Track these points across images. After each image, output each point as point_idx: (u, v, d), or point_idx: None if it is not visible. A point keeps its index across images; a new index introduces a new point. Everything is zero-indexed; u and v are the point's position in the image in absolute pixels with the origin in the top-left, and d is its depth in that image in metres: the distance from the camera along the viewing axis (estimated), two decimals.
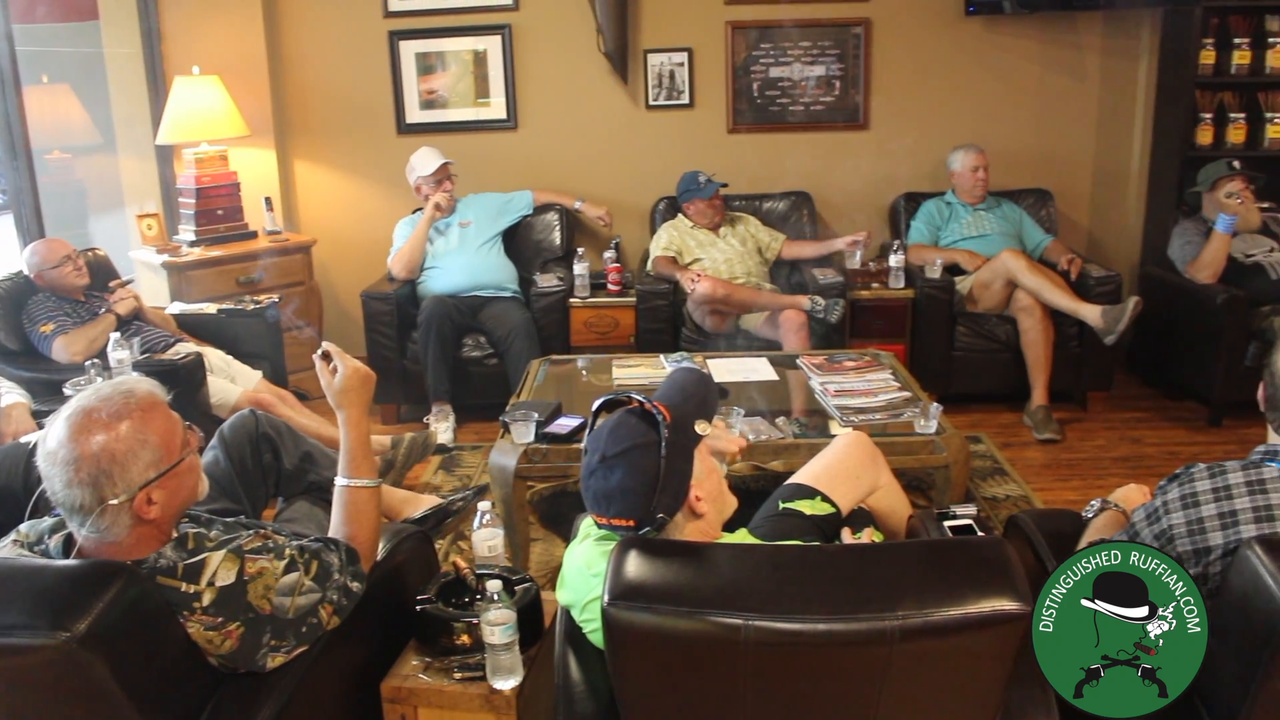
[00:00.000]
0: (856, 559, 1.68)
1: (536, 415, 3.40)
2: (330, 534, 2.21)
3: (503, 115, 5.52)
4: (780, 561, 1.65)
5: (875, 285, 4.99)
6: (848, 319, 4.77)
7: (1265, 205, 5.05)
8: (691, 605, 1.57)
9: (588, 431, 1.98)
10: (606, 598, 1.58)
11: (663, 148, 5.48)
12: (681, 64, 5.45)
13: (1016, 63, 5.44)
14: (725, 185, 5.02)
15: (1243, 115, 5.20)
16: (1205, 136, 5.20)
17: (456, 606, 2.36)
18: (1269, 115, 5.15)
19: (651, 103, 5.49)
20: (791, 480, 2.43)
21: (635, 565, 1.63)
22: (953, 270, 4.97)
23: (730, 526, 2.05)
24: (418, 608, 2.31)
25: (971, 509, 2.34)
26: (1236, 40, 5.10)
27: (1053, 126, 5.51)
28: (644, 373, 3.94)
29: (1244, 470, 1.87)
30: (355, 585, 2.10)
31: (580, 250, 5.10)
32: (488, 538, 2.62)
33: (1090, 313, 4.50)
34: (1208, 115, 5.18)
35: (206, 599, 1.85)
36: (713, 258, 4.92)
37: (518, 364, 4.59)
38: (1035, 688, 1.94)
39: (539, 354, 4.56)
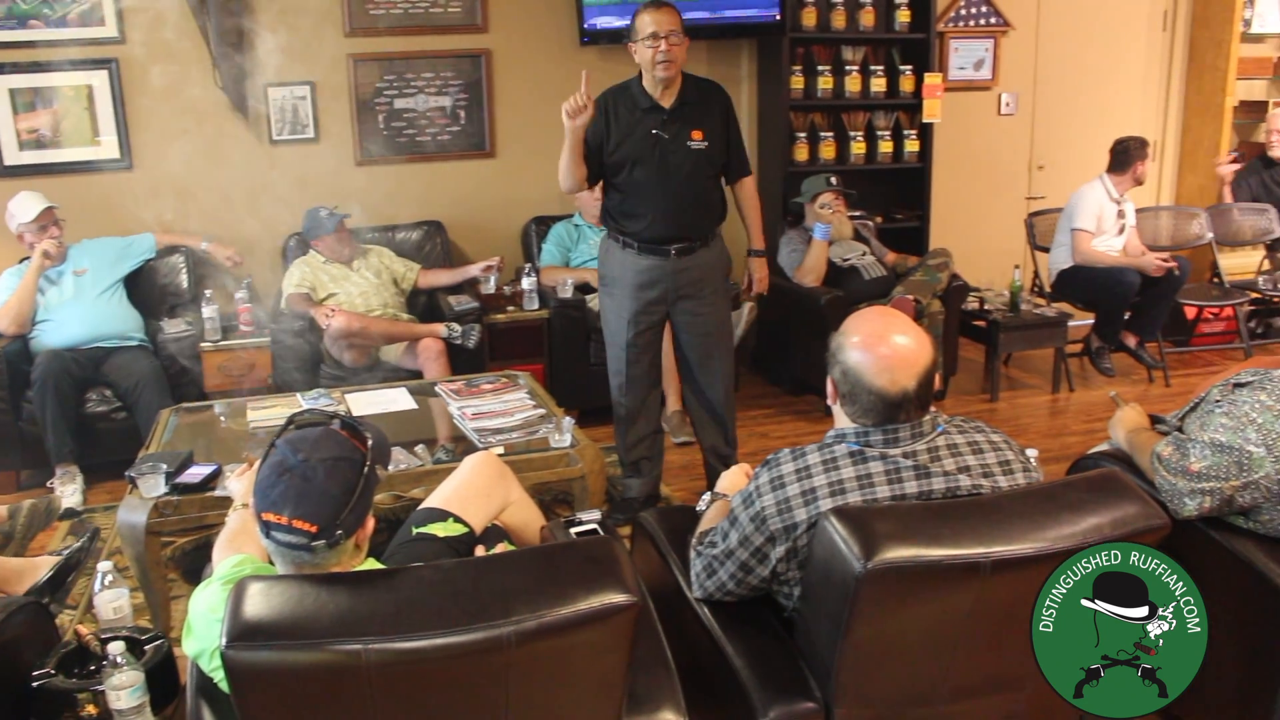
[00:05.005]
0: (472, 572, 1.76)
1: (165, 466, 3.27)
2: None
3: (116, 155, 5.22)
4: (397, 583, 1.70)
5: (511, 308, 5.12)
6: (486, 343, 4.88)
7: (856, 214, 5.61)
8: (311, 637, 1.59)
9: (276, 438, 1.97)
10: (224, 641, 1.57)
11: (290, 183, 5.36)
12: (304, 98, 5.38)
13: None
14: (348, 216, 4.99)
15: (831, 134, 5.76)
16: (802, 154, 5.70)
17: (81, 676, 2.24)
18: (852, 134, 5.72)
19: (275, 138, 5.37)
20: (423, 505, 2.48)
21: (253, 603, 1.63)
22: (584, 289, 5.18)
23: None
24: (34, 684, 2.18)
25: (596, 514, 2.48)
26: (820, 68, 5.65)
27: None
28: (280, 413, 3.86)
29: (820, 451, 2.10)
30: None
31: (209, 292, 4.92)
32: (112, 599, 2.50)
33: None
34: (802, 134, 5.70)
35: None
36: (347, 291, 4.88)
37: (148, 415, 4.36)
38: (661, 673, 2.08)
39: (170, 403, 4.35)
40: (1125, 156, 5.58)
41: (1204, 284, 6.25)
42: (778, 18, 5.48)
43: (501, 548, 2.36)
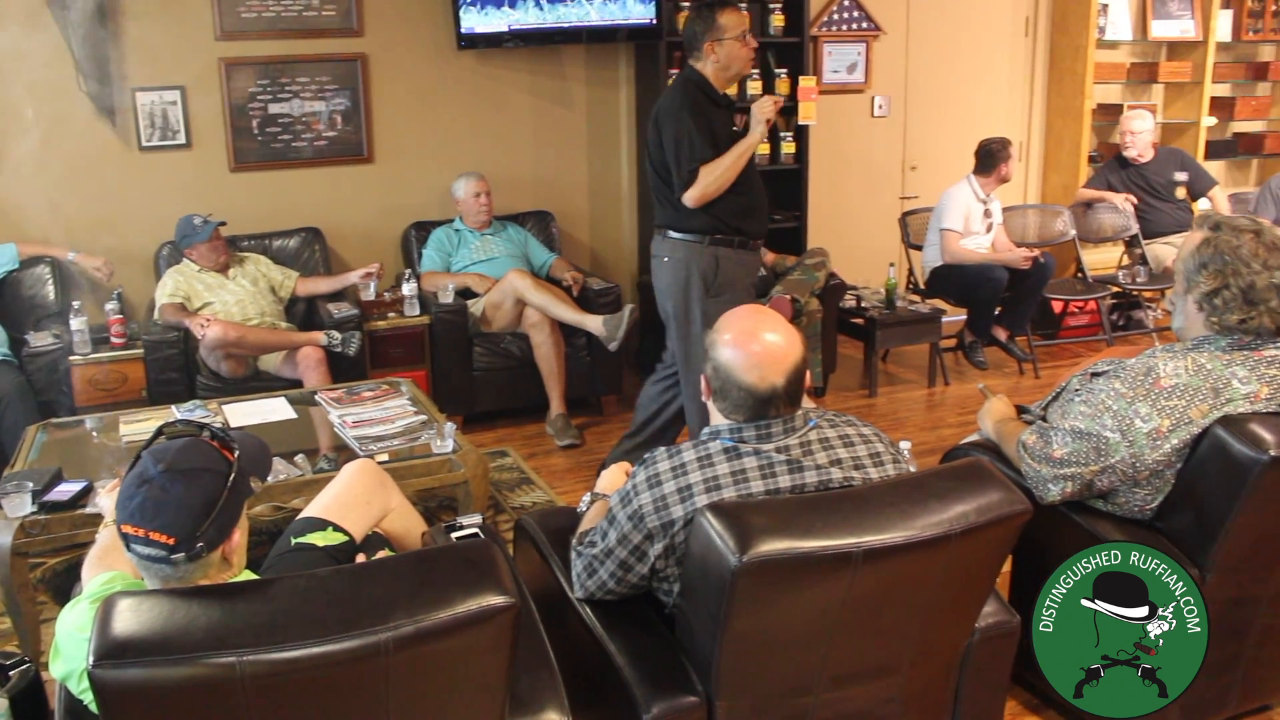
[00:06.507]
0: (348, 579, 1.74)
1: (32, 484, 3.17)
2: None
3: None
4: (272, 593, 1.67)
5: (392, 315, 5.08)
6: (367, 350, 4.84)
7: None
8: (182, 652, 1.56)
9: (143, 449, 1.94)
10: (91, 660, 1.54)
11: (162, 190, 5.23)
12: (174, 103, 5.24)
13: (510, 93, 5.74)
14: (223, 224, 4.90)
15: None
16: None
17: None
18: None
19: (145, 144, 5.22)
20: (302, 515, 2.45)
21: (122, 620, 1.59)
22: (465, 294, 5.16)
23: None
24: None
25: (477, 518, 2.48)
26: None
27: (549, 152, 5.87)
28: (154, 426, 3.76)
29: (695, 448, 2.14)
30: None
31: (77, 304, 4.77)
32: None
33: (593, 323, 4.85)
34: None
35: None
36: (224, 300, 4.78)
37: (14, 433, 4.20)
38: (544, 675, 2.10)
39: (38, 419, 4.21)
40: (990, 158, 5.76)
41: (1069, 279, 6.50)
42: (654, 21, 5.53)
43: (383, 555, 2.34)
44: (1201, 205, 6.59)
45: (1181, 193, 6.43)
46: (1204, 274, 2.52)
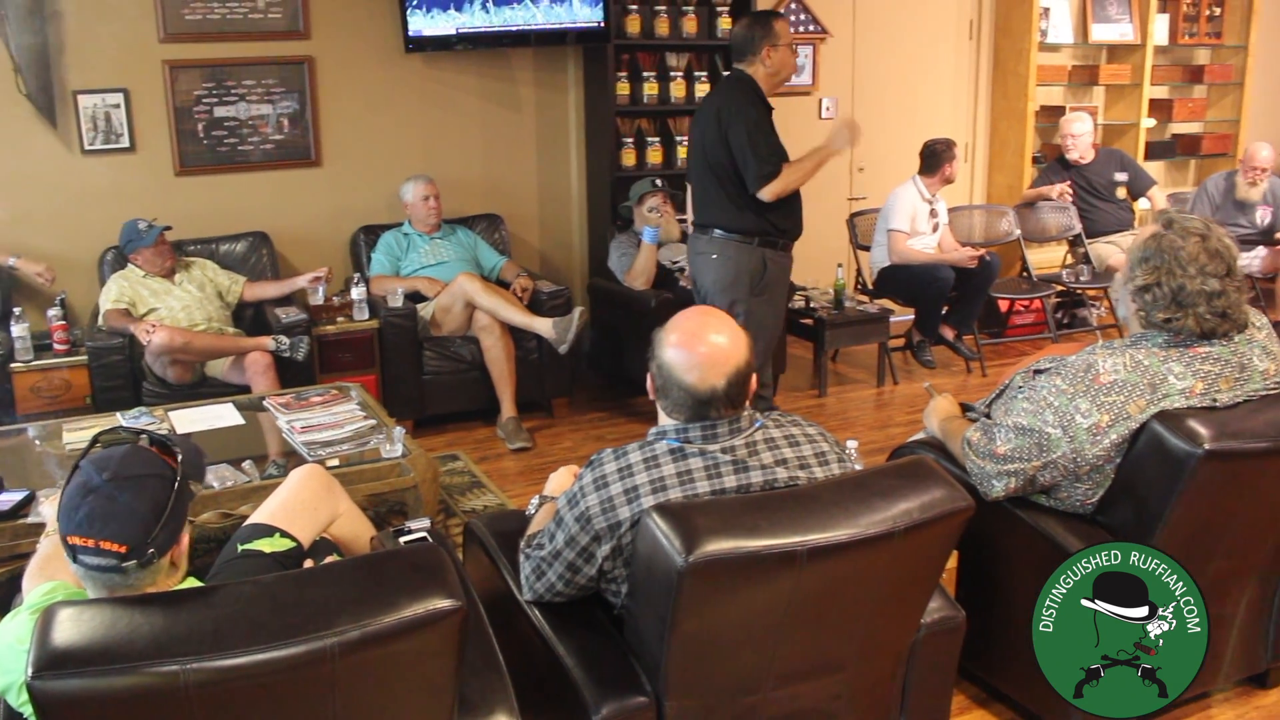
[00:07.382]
0: (294, 585, 1.74)
1: None
2: None
3: None
4: (216, 600, 1.67)
5: (341, 319, 5.05)
6: (315, 355, 4.80)
7: (683, 217, 5.71)
8: (124, 661, 1.55)
9: (81, 458, 1.91)
10: (31, 672, 1.52)
11: (105, 195, 5.17)
12: (118, 105, 5.17)
13: (459, 96, 5.73)
14: (169, 228, 4.84)
15: (658, 139, 5.86)
16: (629, 159, 5.78)
17: None
18: (678, 138, 5.83)
19: (88, 147, 5.15)
20: (249, 521, 2.43)
21: (63, 630, 1.58)
22: (415, 298, 5.14)
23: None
24: None
25: (425, 523, 2.48)
26: (645, 74, 5.74)
27: (498, 155, 5.86)
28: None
29: (641, 450, 2.14)
30: None
31: (18, 310, 4.70)
32: None
33: (543, 325, 4.85)
34: (629, 140, 5.77)
35: None
36: (169, 306, 4.73)
37: None
38: (493, 678, 2.10)
39: None
40: (935, 159, 5.83)
41: (1014, 278, 6.59)
42: (602, 25, 5.54)
43: (331, 560, 2.33)
44: (1141, 205, 6.71)
45: (1122, 193, 6.54)
46: (1142, 268, 2.57)
